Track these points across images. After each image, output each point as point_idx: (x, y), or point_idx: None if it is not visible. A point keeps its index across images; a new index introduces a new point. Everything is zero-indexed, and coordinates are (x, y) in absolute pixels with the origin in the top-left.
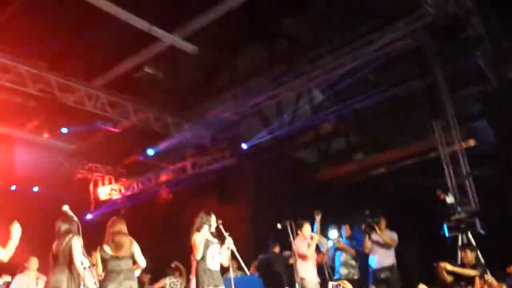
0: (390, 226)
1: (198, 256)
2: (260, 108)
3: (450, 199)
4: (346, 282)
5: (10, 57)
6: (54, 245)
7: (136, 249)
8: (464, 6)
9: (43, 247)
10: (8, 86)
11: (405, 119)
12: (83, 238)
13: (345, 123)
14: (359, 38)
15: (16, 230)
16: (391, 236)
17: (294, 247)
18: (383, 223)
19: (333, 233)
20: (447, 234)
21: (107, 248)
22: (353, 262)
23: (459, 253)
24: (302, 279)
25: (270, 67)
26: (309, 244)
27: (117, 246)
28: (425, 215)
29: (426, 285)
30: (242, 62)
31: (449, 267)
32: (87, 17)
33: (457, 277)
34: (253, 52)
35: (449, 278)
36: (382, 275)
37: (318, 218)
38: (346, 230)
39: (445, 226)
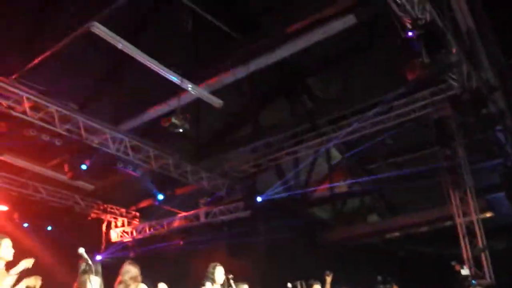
0: None
1: None
2: (278, 163)
3: (465, 271)
4: None
5: (42, 97)
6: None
7: None
8: (487, 81)
9: (55, 283)
10: (38, 124)
11: (422, 185)
12: None
13: (361, 184)
14: (382, 103)
15: (25, 263)
16: None
17: None
18: None
19: None
20: None
21: None
22: None
23: None
24: None
25: (291, 124)
26: None
27: None
28: (438, 284)
29: None
30: (264, 117)
31: None
32: (121, 64)
33: None
34: (277, 108)
35: None
36: None
37: (328, 279)
38: None
39: None
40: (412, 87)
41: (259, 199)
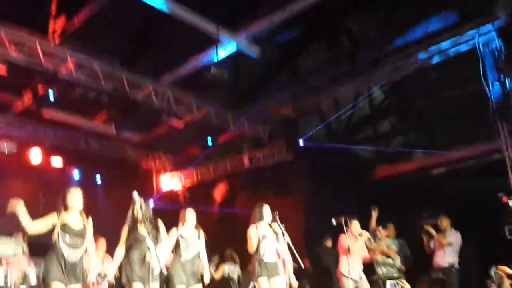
0: (457, 227)
1: (251, 249)
2: (318, 105)
3: None
4: (404, 281)
5: (86, 57)
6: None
7: None
8: None
9: (109, 230)
10: (84, 83)
11: (469, 119)
12: None
13: (405, 121)
14: (425, 39)
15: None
16: (454, 236)
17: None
18: (445, 222)
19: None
20: (508, 237)
21: None
22: (390, 261)
23: None
24: (341, 274)
25: (331, 67)
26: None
27: None
28: (485, 217)
29: None
30: (303, 61)
31: (509, 270)
32: (158, 18)
33: None
34: (315, 51)
35: (508, 282)
36: (434, 275)
37: (374, 214)
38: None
39: (506, 229)
40: (458, 21)
41: (301, 142)
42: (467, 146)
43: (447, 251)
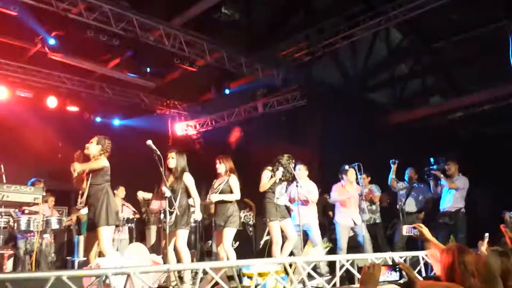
0: (465, 172)
1: (262, 188)
2: (334, 49)
3: None
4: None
5: None
6: None
7: None
8: None
9: (127, 177)
10: (94, 25)
11: (486, 62)
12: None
13: (423, 64)
14: None
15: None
16: (462, 181)
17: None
18: (452, 167)
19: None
20: None
21: None
22: (373, 207)
23: None
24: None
25: (346, 6)
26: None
27: None
28: (502, 162)
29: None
30: (318, 1)
31: None
32: None
33: None
34: None
35: None
36: (441, 220)
37: (394, 167)
38: (411, 173)
39: None
40: None
41: (315, 87)
42: (485, 89)
43: (454, 196)
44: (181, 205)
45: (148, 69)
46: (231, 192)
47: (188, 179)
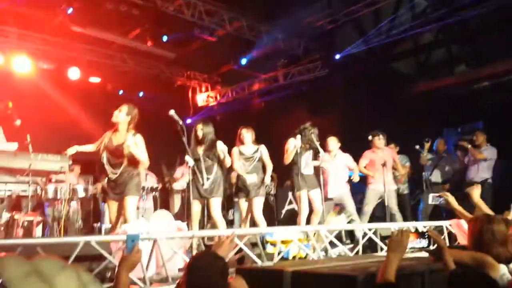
0: (491, 143)
1: (286, 160)
2: (356, 17)
3: None
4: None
5: None
6: None
7: None
8: None
9: (150, 146)
10: None
11: None
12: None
13: (448, 33)
14: None
15: None
16: (490, 151)
17: None
18: (480, 137)
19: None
20: None
21: None
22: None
23: None
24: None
25: None
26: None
27: None
28: None
29: None
30: None
31: None
32: None
33: None
34: None
35: None
36: (467, 190)
37: (427, 145)
38: (439, 144)
39: None
40: None
41: (337, 56)
42: (510, 59)
43: (481, 166)
44: (216, 174)
45: (165, 38)
46: (262, 160)
47: (221, 146)
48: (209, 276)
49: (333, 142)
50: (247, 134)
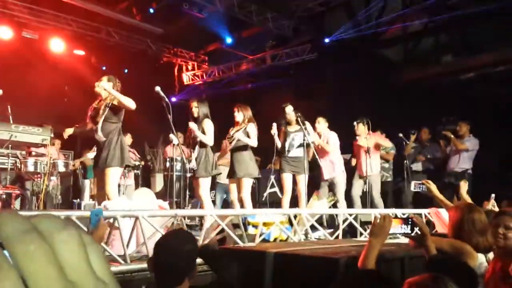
0: (474, 133)
1: (277, 144)
2: (347, 0)
3: None
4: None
5: None
6: None
7: None
8: None
9: (133, 124)
10: None
11: (503, 23)
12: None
13: (438, 21)
14: None
15: None
16: (471, 142)
17: None
18: (463, 128)
19: None
20: None
21: None
22: (385, 165)
23: None
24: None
25: None
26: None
27: None
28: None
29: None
30: None
31: None
32: None
33: None
34: None
35: None
36: (446, 180)
37: (413, 137)
38: (423, 133)
39: None
40: None
41: (326, 40)
42: (498, 51)
43: (462, 157)
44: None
45: (152, 10)
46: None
47: (207, 124)
48: (175, 256)
49: (321, 123)
50: (237, 114)
